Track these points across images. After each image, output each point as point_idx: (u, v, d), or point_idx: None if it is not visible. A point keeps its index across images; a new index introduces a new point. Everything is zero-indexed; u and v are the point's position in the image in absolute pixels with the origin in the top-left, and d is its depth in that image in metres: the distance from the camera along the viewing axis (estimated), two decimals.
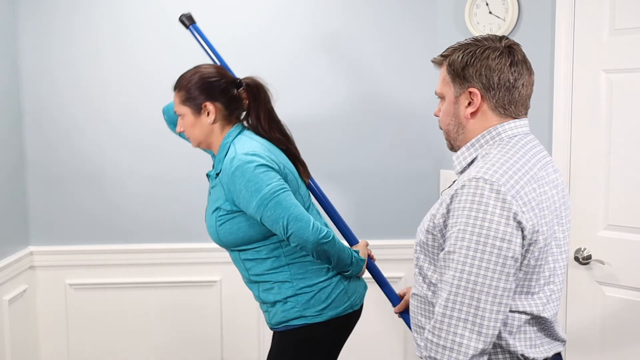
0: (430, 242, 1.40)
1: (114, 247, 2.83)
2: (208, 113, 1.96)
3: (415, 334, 1.49)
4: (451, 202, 1.33)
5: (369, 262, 2.12)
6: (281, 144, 2.04)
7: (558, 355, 1.48)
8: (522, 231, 1.29)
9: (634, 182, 2.26)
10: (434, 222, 1.38)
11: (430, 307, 1.44)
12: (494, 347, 1.37)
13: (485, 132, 1.43)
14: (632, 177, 2.26)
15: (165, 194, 2.82)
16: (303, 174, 2.08)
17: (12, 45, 2.69)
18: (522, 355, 1.38)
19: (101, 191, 2.81)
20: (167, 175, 2.82)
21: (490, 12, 2.54)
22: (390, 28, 2.79)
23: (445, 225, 1.35)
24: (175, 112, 2.03)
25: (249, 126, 2.06)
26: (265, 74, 2.10)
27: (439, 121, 1.51)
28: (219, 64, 2.18)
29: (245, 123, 2.07)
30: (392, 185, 2.86)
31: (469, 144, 1.45)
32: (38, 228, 2.81)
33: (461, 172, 1.46)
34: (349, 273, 1.99)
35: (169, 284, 2.86)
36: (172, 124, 2.28)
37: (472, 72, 1.41)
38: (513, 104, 1.43)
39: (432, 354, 1.30)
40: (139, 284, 2.84)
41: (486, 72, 1.40)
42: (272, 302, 1.98)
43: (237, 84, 2.02)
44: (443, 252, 1.33)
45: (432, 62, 1.52)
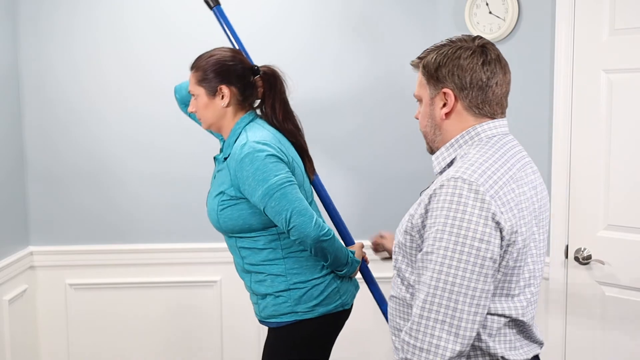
0: (409, 243, 1.38)
1: (114, 247, 2.82)
2: (222, 96, 1.95)
3: (393, 336, 1.47)
4: (429, 202, 1.32)
5: (362, 264, 2.12)
6: (292, 136, 2.03)
7: (536, 357, 1.47)
8: (501, 232, 1.28)
9: (634, 182, 2.26)
10: (412, 223, 1.36)
11: (408, 310, 1.42)
12: (474, 350, 1.35)
13: (464, 132, 1.41)
14: (632, 177, 2.26)
15: (166, 194, 2.82)
16: (309, 169, 2.08)
17: (12, 45, 2.69)
18: (502, 358, 1.36)
19: (101, 191, 2.81)
20: (167, 175, 2.82)
21: (490, 12, 2.54)
22: (390, 28, 2.79)
23: (424, 226, 1.33)
24: (189, 92, 2.01)
25: (262, 115, 2.05)
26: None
27: (419, 124, 1.50)
28: (239, 48, 2.17)
29: (259, 111, 2.06)
30: (392, 184, 2.86)
31: (448, 144, 1.43)
32: (38, 228, 2.81)
33: (440, 172, 1.44)
34: (343, 273, 1.99)
35: (169, 284, 2.86)
36: (183, 104, 2.25)
37: (445, 72, 1.40)
38: (487, 104, 1.40)
39: (409, 356, 1.29)
40: (139, 284, 2.84)
41: (458, 72, 1.38)
42: (263, 295, 1.98)
43: (254, 71, 2.01)
44: (421, 252, 1.31)
45: (410, 64, 1.51)
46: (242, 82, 1.97)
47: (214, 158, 2.06)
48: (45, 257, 2.81)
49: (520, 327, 1.40)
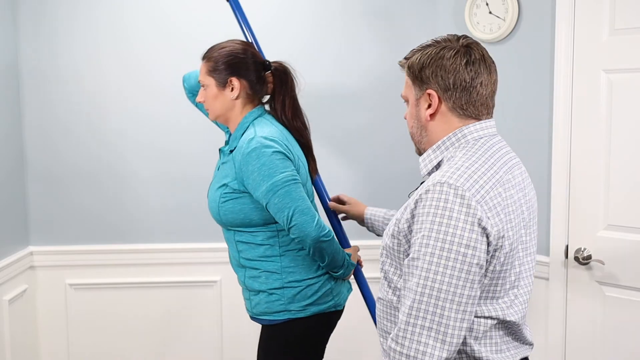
0: (396, 247, 1.37)
1: (114, 247, 2.83)
2: (232, 88, 1.95)
3: (382, 338, 1.47)
4: (415, 207, 1.31)
5: (357, 268, 2.12)
6: (299, 134, 2.03)
7: (525, 359, 1.47)
8: (487, 237, 1.27)
9: (634, 182, 2.26)
10: (398, 227, 1.35)
11: (395, 312, 1.41)
12: (459, 354, 1.35)
13: (450, 134, 1.40)
14: (632, 177, 2.26)
15: (166, 194, 2.83)
16: (312, 169, 2.08)
17: (12, 45, 2.69)
18: None
19: (101, 191, 2.81)
20: (167, 175, 2.82)
21: (490, 12, 2.54)
22: (390, 28, 2.79)
23: (410, 231, 1.32)
24: (199, 82, 2.01)
25: (271, 111, 2.05)
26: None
27: (407, 125, 1.49)
28: (252, 42, 2.16)
29: (267, 107, 2.06)
30: (393, 184, 2.86)
31: (434, 146, 1.42)
32: (38, 228, 2.81)
33: (428, 174, 1.43)
34: (338, 275, 2.00)
35: (169, 284, 2.86)
36: (191, 93, 2.24)
37: (429, 73, 1.38)
38: (472, 104, 1.39)
39: None
40: (139, 284, 2.84)
41: (442, 73, 1.37)
42: (256, 291, 1.98)
43: (265, 66, 2.01)
44: (407, 258, 1.30)
45: (398, 64, 1.50)
46: (253, 76, 1.97)
47: (220, 150, 2.06)
48: (45, 257, 2.81)
49: (508, 328, 1.39)
